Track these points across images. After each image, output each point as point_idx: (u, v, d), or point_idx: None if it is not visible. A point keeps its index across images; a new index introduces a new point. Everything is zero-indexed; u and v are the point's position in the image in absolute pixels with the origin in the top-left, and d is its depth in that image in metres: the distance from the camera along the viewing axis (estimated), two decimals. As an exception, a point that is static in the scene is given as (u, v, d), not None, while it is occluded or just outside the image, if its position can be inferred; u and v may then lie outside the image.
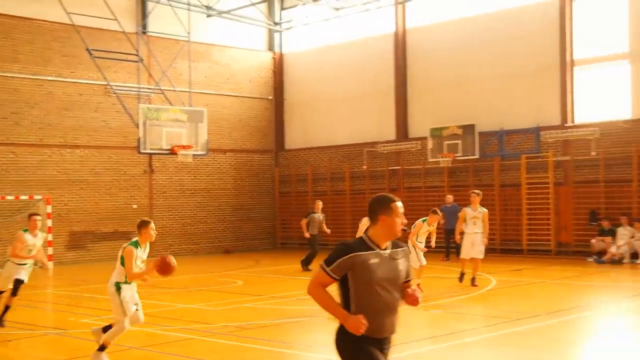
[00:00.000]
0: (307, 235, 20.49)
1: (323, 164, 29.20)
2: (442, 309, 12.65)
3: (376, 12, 27.59)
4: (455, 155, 24.53)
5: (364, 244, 4.71)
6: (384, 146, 27.07)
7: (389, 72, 27.36)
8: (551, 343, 10.04)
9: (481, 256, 15.47)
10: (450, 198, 22.42)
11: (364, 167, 27.56)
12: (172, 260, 8.53)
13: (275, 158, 30.58)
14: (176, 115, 23.03)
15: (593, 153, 22.22)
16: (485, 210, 15.90)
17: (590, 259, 20.85)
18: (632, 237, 20.41)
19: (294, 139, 30.56)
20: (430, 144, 25.19)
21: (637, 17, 22.00)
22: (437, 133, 25.05)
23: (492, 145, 24.48)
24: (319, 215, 20.65)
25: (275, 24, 30.30)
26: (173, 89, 24.79)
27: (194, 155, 23.51)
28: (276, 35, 30.73)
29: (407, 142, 26.66)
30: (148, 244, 9.10)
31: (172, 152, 22.72)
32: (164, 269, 8.46)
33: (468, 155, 24.41)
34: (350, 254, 4.62)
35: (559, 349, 9.62)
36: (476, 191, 16.20)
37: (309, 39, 30.06)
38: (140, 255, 8.93)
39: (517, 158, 23.69)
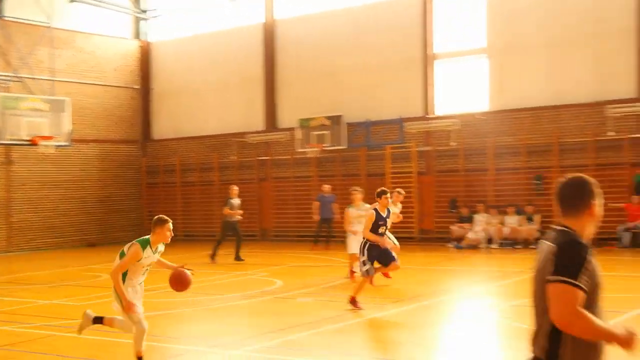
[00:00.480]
0: (237, 218, 19.47)
1: (192, 155, 28.94)
2: (311, 297, 12.90)
3: (245, 2, 27.58)
4: (323, 145, 24.96)
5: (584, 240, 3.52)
6: (252, 136, 27.15)
7: (258, 63, 27.44)
8: (414, 327, 10.47)
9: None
10: (327, 188, 22.68)
11: (233, 157, 27.54)
12: (189, 275, 7.92)
13: (142, 148, 29.99)
14: (36, 104, 22.16)
15: (453, 143, 23.24)
16: (369, 206, 15.65)
17: (450, 245, 21.83)
18: (488, 223, 21.55)
19: (162, 128, 30.10)
20: (298, 134, 25.50)
21: (495, 13, 23.14)
22: (305, 124, 25.39)
23: (358, 136, 25.07)
24: (236, 200, 19.98)
25: (142, 11, 29.66)
26: (33, 77, 23.79)
27: (56, 146, 22.70)
28: (143, 23, 30.09)
29: (275, 133, 26.87)
30: (161, 246, 8.07)
31: (32, 142, 21.85)
32: (180, 282, 7.84)
33: (335, 146, 24.90)
34: (590, 252, 3.45)
35: (421, 332, 10.06)
36: (358, 188, 15.67)
37: (178, 27, 29.64)
38: (149, 257, 7.90)
39: (382, 148, 24.40)
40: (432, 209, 23.81)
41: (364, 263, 11.45)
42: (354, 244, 14.77)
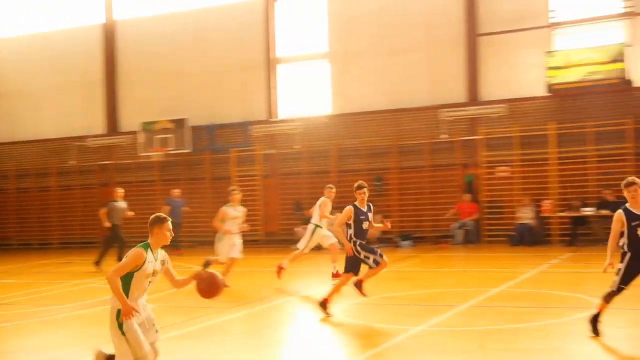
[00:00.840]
0: (107, 224, 18.16)
1: (28, 159, 27.61)
2: (156, 303, 12.65)
3: (84, 2, 26.70)
4: (167, 149, 24.61)
5: None
6: (93, 140, 26.32)
7: (98, 64, 26.65)
8: (260, 328, 10.54)
9: (241, 255, 14.58)
10: (176, 192, 22.30)
11: (73, 162, 26.55)
12: (220, 278, 6.92)
13: (-28, 153, 28.29)
14: None
15: (297, 146, 23.60)
16: (244, 209, 14.81)
17: (295, 247, 22.10)
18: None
19: (-6, 132, 28.54)
20: (141, 138, 24.99)
21: (335, 19, 23.76)
22: (148, 127, 24.94)
23: (203, 139, 24.92)
24: (121, 203, 18.75)
25: (-31, 8, 27.99)
26: None
27: None
28: (-30, 20, 28.41)
29: (117, 136, 26.20)
30: (162, 253, 6.81)
31: None
32: (211, 289, 6.85)
33: (180, 149, 24.63)
34: None
35: (267, 334, 10.15)
36: (237, 188, 14.90)
37: (12, 26, 28.20)
38: (152, 263, 6.60)
39: (227, 152, 24.39)
40: (277, 211, 24.07)
41: (366, 257, 10.72)
42: (226, 246, 14.15)
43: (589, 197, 20.42)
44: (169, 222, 6.71)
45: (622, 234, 8.22)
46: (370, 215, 11.01)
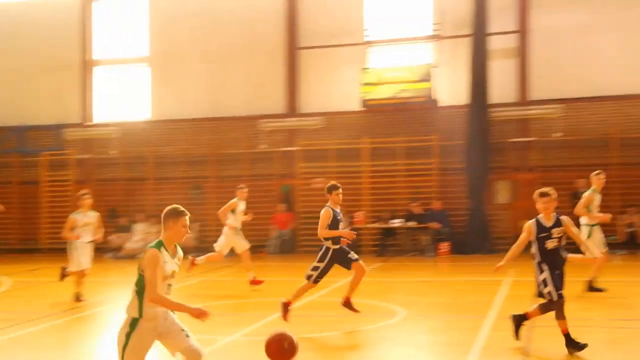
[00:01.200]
0: None
1: None
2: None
3: None
4: (-31, 150, 23.13)
5: None
6: None
7: None
8: (65, 340, 10.16)
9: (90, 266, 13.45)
10: None
11: None
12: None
13: None
14: None
15: (113, 152, 22.98)
16: (97, 213, 13.69)
17: (108, 255, 21.49)
18: (147, 232, 21.65)
19: None
20: (-61, 137, 23.31)
21: (156, 23, 23.44)
22: (-52, 126, 23.30)
23: (11, 141, 23.70)
24: None
25: None
26: None
27: None
28: None
29: None
30: (178, 248, 5.94)
31: None
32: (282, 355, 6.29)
33: (-16, 151, 23.23)
34: None
35: (76, 345, 9.81)
36: (87, 192, 13.65)
37: None
38: (168, 263, 5.76)
39: (37, 155, 23.31)
40: (90, 218, 23.26)
41: (315, 269, 10.54)
42: (81, 255, 13.17)
43: (398, 209, 21.49)
44: (187, 217, 5.87)
45: (532, 245, 8.25)
46: (341, 217, 10.88)
